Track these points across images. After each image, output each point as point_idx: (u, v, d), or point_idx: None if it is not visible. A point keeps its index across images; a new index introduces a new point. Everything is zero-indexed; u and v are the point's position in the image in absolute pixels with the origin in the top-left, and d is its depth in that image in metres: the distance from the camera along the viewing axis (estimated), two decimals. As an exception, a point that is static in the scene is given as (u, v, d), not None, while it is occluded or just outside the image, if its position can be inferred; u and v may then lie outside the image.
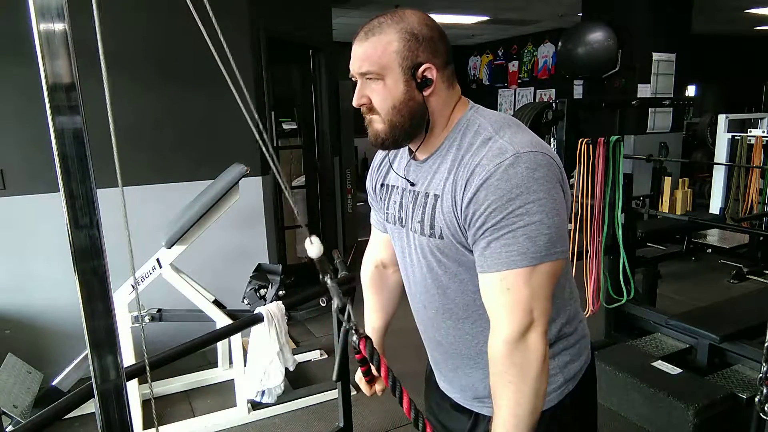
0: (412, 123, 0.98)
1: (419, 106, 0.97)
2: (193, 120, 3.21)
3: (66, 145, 0.66)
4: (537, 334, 0.91)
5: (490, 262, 0.91)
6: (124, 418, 0.77)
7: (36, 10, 0.63)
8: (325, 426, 2.58)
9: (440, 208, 0.97)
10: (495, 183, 0.89)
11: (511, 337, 0.90)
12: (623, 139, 2.81)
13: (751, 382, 2.44)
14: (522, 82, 10.09)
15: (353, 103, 1.00)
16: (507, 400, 0.92)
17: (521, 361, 0.90)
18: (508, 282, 0.90)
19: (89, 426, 2.56)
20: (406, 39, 0.93)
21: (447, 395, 1.19)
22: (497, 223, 0.89)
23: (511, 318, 0.90)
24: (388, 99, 0.96)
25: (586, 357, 1.11)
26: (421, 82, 0.95)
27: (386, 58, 0.93)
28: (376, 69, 0.94)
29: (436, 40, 0.95)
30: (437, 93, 0.98)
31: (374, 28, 0.95)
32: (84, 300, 0.71)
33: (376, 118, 0.98)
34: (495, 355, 0.92)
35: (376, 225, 1.29)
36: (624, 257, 2.88)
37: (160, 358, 1.69)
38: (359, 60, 0.95)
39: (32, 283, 2.93)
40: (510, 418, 0.92)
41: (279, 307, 2.46)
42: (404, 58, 0.93)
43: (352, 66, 0.97)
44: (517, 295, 0.90)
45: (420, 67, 0.94)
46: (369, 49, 0.94)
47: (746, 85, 9.38)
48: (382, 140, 1.00)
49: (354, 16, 6.99)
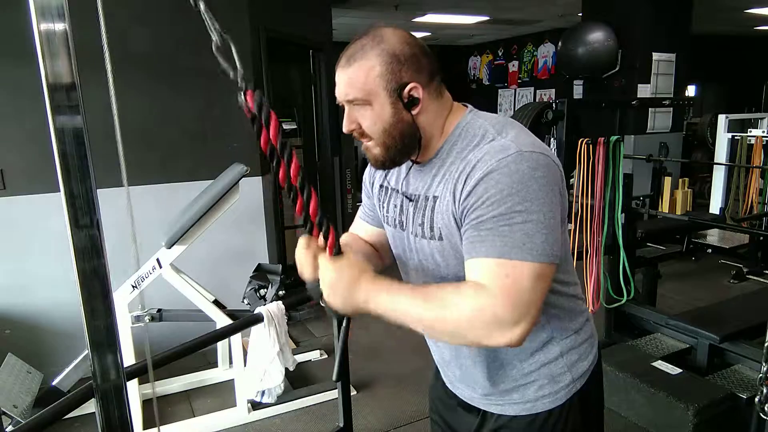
0: (404, 142, 0.98)
1: (409, 126, 0.97)
2: (193, 120, 3.21)
3: (66, 144, 0.67)
4: (518, 334, 0.86)
5: (485, 248, 0.88)
6: (124, 418, 0.77)
7: (36, 10, 0.63)
8: (325, 426, 2.58)
9: (439, 208, 0.98)
10: (496, 177, 0.88)
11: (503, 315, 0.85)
12: (623, 139, 2.81)
13: (751, 382, 2.44)
14: (522, 82, 10.09)
15: (344, 130, 1.00)
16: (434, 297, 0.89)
17: (481, 332, 0.86)
18: (507, 269, 0.86)
19: (89, 426, 2.56)
20: (388, 62, 0.93)
21: (454, 393, 1.19)
22: (495, 216, 0.88)
23: (510, 303, 0.85)
24: (378, 123, 0.96)
25: (593, 356, 1.11)
26: (408, 101, 0.95)
27: (370, 84, 0.93)
28: (362, 95, 0.94)
29: (418, 56, 0.95)
30: (426, 110, 0.98)
31: (356, 53, 0.94)
32: (84, 300, 0.71)
33: (371, 144, 0.99)
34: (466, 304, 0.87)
35: (363, 216, 1.26)
36: (624, 257, 2.88)
37: (160, 358, 1.70)
38: (345, 87, 0.95)
39: (32, 283, 2.93)
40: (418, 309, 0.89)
41: (279, 307, 2.47)
42: (388, 81, 0.93)
43: (337, 93, 0.97)
44: (519, 286, 0.86)
45: (405, 87, 0.94)
46: (353, 77, 0.94)
47: (746, 85, 9.38)
48: (382, 162, 1.01)
49: (354, 16, 7.00)
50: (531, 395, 1.05)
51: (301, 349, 3.35)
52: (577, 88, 7.49)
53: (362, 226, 1.26)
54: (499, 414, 1.09)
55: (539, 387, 1.05)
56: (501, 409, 1.09)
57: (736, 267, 4.59)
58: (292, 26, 3.93)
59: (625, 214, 2.91)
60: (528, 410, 1.06)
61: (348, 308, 0.94)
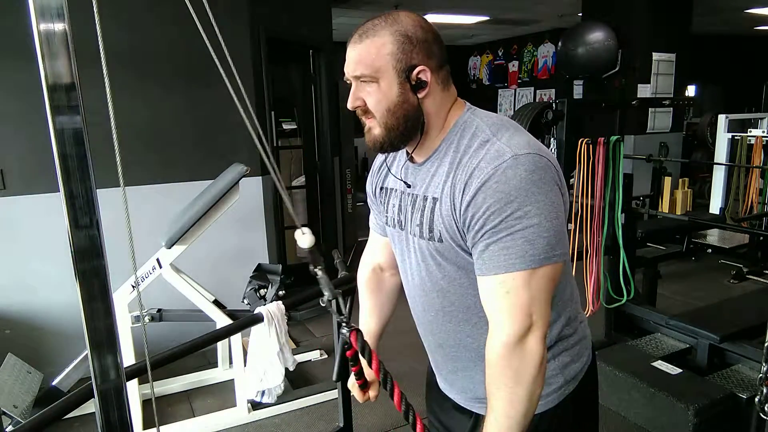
0: (407, 125, 0.97)
1: (414, 109, 0.97)
2: (193, 120, 3.21)
3: (66, 144, 0.66)
4: (536, 338, 0.90)
5: (489, 265, 0.91)
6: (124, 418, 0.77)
7: (36, 10, 0.63)
8: (325, 426, 2.58)
9: (439, 211, 0.97)
10: (493, 186, 0.89)
11: (510, 340, 0.90)
12: (623, 139, 2.81)
13: (751, 382, 2.44)
14: (522, 82, 10.09)
15: (348, 106, 1.00)
16: (501, 401, 0.92)
17: (518, 365, 0.90)
18: (507, 285, 0.89)
19: (89, 426, 2.56)
20: (401, 41, 0.93)
21: (448, 396, 1.19)
22: (496, 226, 0.89)
23: (510, 321, 0.90)
24: (383, 101, 0.96)
25: (586, 358, 1.11)
26: (415, 84, 0.95)
27: (380, 61, 0.93)
28: (371, 72, 0.94)
29: (430, 42, 0.95)
30: (432, 95, 0.97)
31: (368, 30, 0.94)
32: (84, 300, 0.71)
33: (374, 124, 0.98)
34: (492, 357, 0.92)
35: (374, 228, 1.28)
36: (624, 257, 2.88)
37: (160, 358, 1.70)
38: (353, 63, 0.95)
39: (32, 283, 2.93)
40: (503, 420, 0.91)
41: (279, 307, 2.46)
42: (398, 61, 0.93)
43: (346, 69, 0.97)
44: (517, 299, 0.89)
45: (414, 69, 0.94)
46: (363, 52, 0.94)
47: (746, 85, 9.37)
48: (380, 144, 1.00)
49: (354, 16, 7.00)
50: None
51: (301, 349, 3.35)
52: (577, 88, 7.50)
53: (376, 239, 1.29)
54: None
55: None
56: None
57: (736, 267, 4.59)
58: (292, 26, 3.93)
59: (625, 214, 2.91)
60: None
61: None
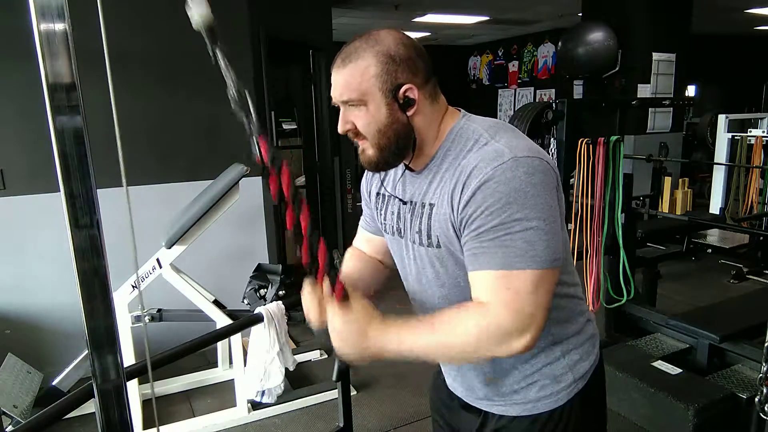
0: (398, 143, 0.98)
1: (404, 127, 0.97)
2: (193, 120, 3.21)
3: (66, 144, 0.67)
4: (526, 340, 0.88)
5: (487, 260, 0.90)
6: (124, 418, 0.77)
7: (36, 10, 0.63)
8: (325, 426, 2.58)
9: (436, 216, 0.97)
10: (493, 186, 0.88)
11: (501, 331, 0.87)
12: (623, 139, 2.81)
13: (751, 382, 2.43)
14: (522, 82, 10.09)
15: (338, 130, 1.00)
16: (446, 335, 0.90)
17: (492, 352, 0.89)
18: (508, 281, 0.88)
19: (89, 426, 2.56)
20: (384, 62, 0.93)
21: (455, 395, 1.19)
22: (495, 226, 0.88)
23: (506, 314, 0.88)
24: (373, 123, 0.96)
25: (595, 357, 1.11)
26: (403, 102, 0.95)
27: (366, 84, 0.93)
28: (357, 96, 0.94)
29: (414, 58, 0.95)
30: (421, 111, 0.97)
31: (351, 54, 0.94)
32: (84, 300, 0.71)
33: (366, 145, 0.99)
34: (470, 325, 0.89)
35: (364, 225, 1.27)
36: (624, 257, 2.88)
37: (160, 358, 1.70)
38: (339, 88, 0.95)
39: (32, 283, 2.93)
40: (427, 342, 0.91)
41: (279, 307, 2.47)
42: (384, 82, 0.93)
43: (333, 94, 0.97)
44: (520, 296, 0.88)
45: (401, 88, 0.94)
46: (348, 77, 0.94)
47: (746, 85, 9.37)
48: (375, 163, 1.01)
49: (354, 16, 7.00)
50: (533, 396, 1.05)
51: (301, 349, 3.34)
52: (577, 88, 7.49)
53: (365, 235, 1.27)
54: (501, 415, 1.09)
55: (541, 387, 1.05)
56: (503, 410, 1.09)
57: (736, 267, 4.59)
58: (292, 26, 3.93)
59: (625, 214, 2.91)
60: (529, 411, 1.06)
61: (359, 357, 0.94)
